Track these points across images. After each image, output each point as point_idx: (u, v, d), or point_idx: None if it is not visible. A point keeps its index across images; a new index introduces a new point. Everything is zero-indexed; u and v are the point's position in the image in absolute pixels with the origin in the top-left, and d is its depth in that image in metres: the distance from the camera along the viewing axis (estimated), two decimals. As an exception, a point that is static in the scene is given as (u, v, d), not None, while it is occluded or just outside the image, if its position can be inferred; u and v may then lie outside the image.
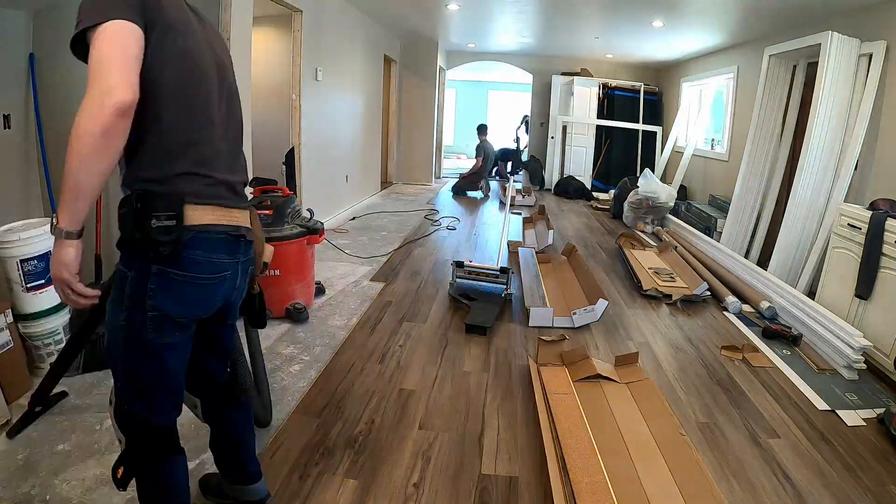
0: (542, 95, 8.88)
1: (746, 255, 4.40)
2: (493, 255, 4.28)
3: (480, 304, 3.05)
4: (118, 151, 0.95)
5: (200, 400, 1.33)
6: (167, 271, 1.03)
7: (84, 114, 0.90)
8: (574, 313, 2.96)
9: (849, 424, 2.13)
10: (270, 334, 2.61)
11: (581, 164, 8.17)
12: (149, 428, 1.12)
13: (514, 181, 8.22)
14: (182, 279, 1.05)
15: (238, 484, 1.42)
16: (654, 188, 5.65)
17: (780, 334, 2.91)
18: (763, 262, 4.03)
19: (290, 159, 4.29)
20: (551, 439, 1.81)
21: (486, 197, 7.38)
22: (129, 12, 0.93)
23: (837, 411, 2.21)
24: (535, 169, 8.70)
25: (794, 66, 4.24)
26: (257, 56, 4.20)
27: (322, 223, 2.88)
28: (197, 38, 1.09)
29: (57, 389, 2.05)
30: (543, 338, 2.50)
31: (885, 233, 2.62)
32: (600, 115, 7.96)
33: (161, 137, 1.01)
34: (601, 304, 2.97)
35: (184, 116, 1.04)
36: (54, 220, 0.97)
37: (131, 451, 1.11)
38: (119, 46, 0.90)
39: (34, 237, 2.06)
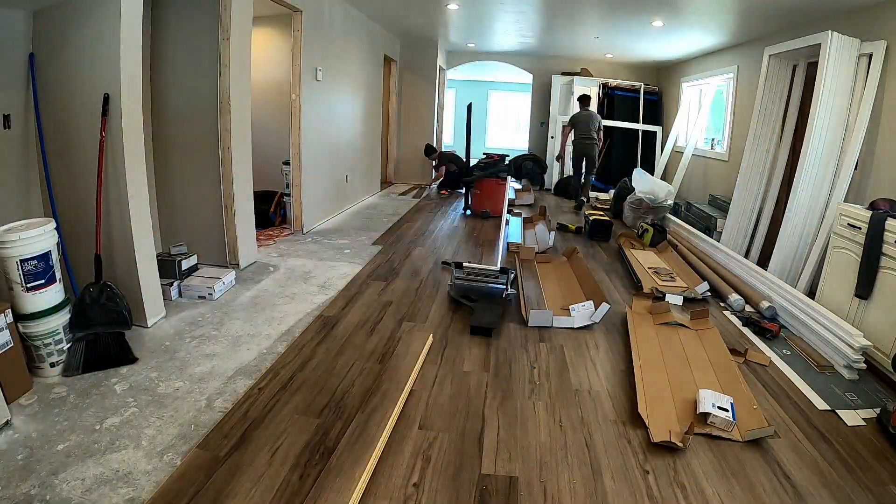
0: (542, 95, 8.89)
1: (746, 255, 4.40)
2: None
3: (483, 305, 3.05)
4: None
5: None
6: None
7: None
8: (572, 309, 2.98)
9: (849, 424, 2.13)
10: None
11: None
12: None
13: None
14: None
15: None
16: (651, 187, 5.63)
17: (761, 327, 3.00)
18: (763, 262, 4.03)
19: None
20: (637, 356, 2.52)
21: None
22: None
23: (837, 411, 2.21)
24: (531, 170, 8.46)
25: (794, 66, 4.24)
26: (257, 56, 4.20)
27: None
28: None
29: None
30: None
31: (885, 233, 2.62)
32: (600, 115, 7.94)
33: None
34: (602, 308, 2.97)
35: None
36: None
37: None
38: None
39: (34, 237, 2.06)
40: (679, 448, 1.88)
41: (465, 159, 6.60)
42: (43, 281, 2.10)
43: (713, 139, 6.65)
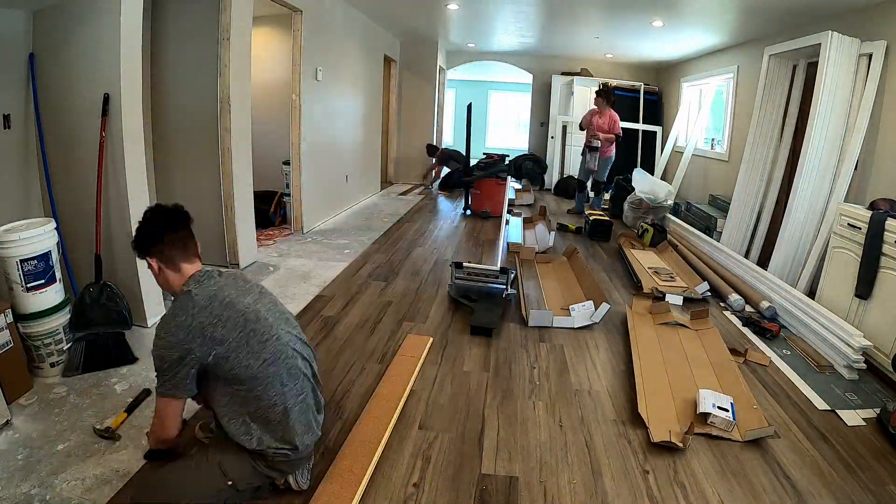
0: (542, 95, 8.88)
1: (746, 255, 4.39)
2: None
3: (483, 305, 3.05)
4: None
5: None
6: None
7: None
8: (572, 309, 2.98)
9: (849, 424, 2.13)
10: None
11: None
12: None
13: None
14: None
15: None
16: (650, 187, 5.62)
17: (761, 327, 3.00)
18: (763, 262, 4.03)
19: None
20: (637, 356, 2.52)
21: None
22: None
23: (837, 411, 2.21)
24: (531, 170, 8.43)
25: (794, 66, 4.24)
26: (257, 56, 4.20)
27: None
28: None
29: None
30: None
31: (885, 233, 2.62)
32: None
33: None
34: (602, 308, 2.97)
35: None
36: None
37: None
38: None
39: (34, 237, 2.06)
40: (679, 448, 1.88)
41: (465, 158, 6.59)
42: (43, 281, 2.10)
43: (713, 139, 6.65)
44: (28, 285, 2.06)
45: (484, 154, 7.77)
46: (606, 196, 6.61)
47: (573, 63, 8.42)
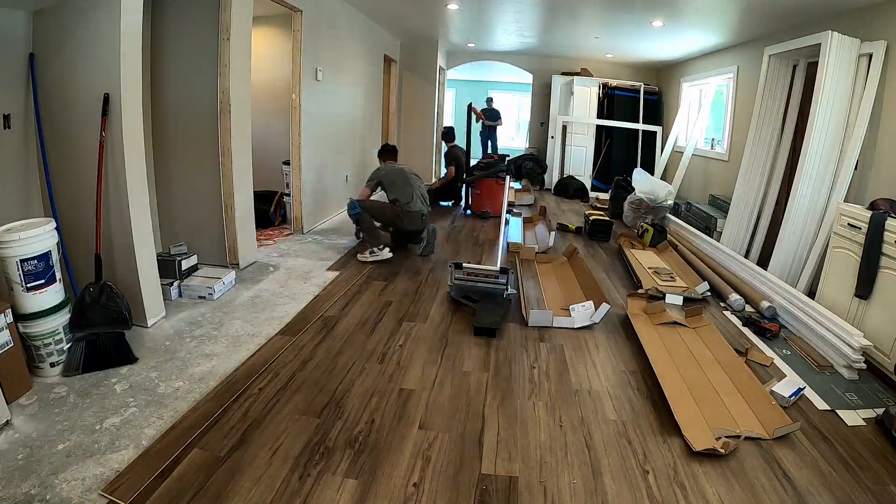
0: (542, 95, 8.88)
1: (746, 255, 4.39)
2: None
3: (485, 306, 3.05)
4: None
5: None
6: None
7: None
8: (572, 309, 2.98)
9: (849, 424, 2.13)
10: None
11: (581, 164, 8.17)
12: None
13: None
14: None
15: None
16: (651, 187, 5.62)
17: (761, 327, 3.00)
18: (763, 262, 4.03)
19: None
20: (655, 363, 2.49)
21: (458, 205, 6.63)
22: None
23: (837, 411, 2.21)
24: (531, 170, 8.37)
25: (794, 66, 4.24)
26: (257, 56, 4.20)
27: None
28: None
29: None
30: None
31: (885, 233, 2.62)
32: (600, 115, 7.95)
33: None
34: (602, 308, 2.97)
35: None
36: None
37: None
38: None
39: (34, 237, 2.06)
40: (722, 454, 1.85)
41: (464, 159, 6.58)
42: (43, 281, 2.10)
43: (713, 139, 6.65)
44: (28, 285, 2.06)
45: (484, 154, 7.76)
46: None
47: (573, 63, 8.42)
